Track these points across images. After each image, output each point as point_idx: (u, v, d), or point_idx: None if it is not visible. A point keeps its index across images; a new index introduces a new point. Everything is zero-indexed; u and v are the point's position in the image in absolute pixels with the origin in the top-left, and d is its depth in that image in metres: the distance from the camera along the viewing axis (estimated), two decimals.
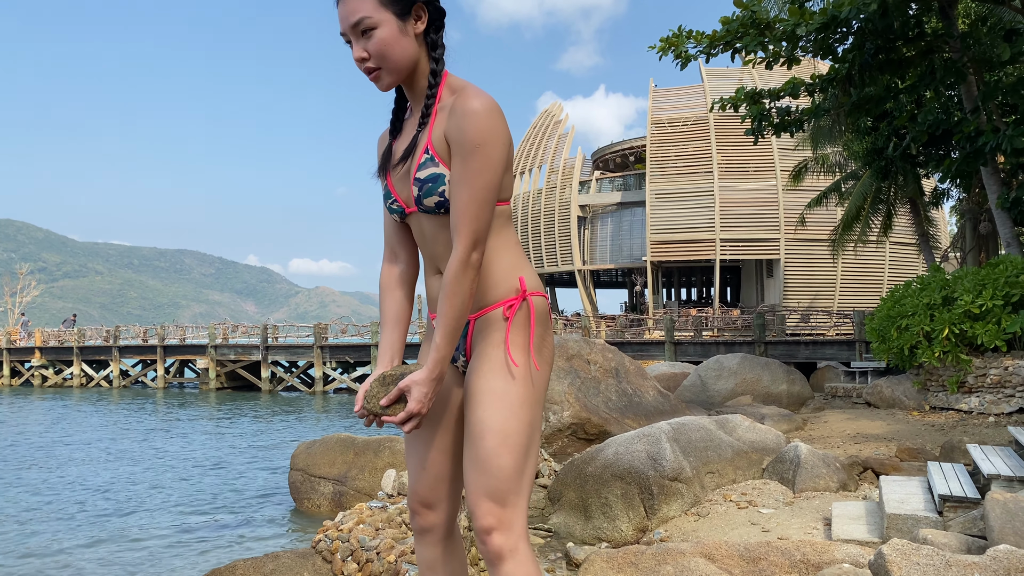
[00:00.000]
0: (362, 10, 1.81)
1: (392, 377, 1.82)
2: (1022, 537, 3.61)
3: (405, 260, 2.05)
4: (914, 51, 11.43)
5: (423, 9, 1.87)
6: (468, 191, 1.78)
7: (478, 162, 1.77)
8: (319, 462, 8.05)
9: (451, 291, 1.79)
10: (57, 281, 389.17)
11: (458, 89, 1.88)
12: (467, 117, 1.78)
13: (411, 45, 1.86)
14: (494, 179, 1.79)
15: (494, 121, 1.79)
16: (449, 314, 1.80)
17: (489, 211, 1.81)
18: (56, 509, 8.60)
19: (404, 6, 1.83)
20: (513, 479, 1.82)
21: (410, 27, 1.85)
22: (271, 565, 3.82)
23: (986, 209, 15.92)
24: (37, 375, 32.41)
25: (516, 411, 1.84)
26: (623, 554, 4.36)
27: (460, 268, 1.78)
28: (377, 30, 1.81)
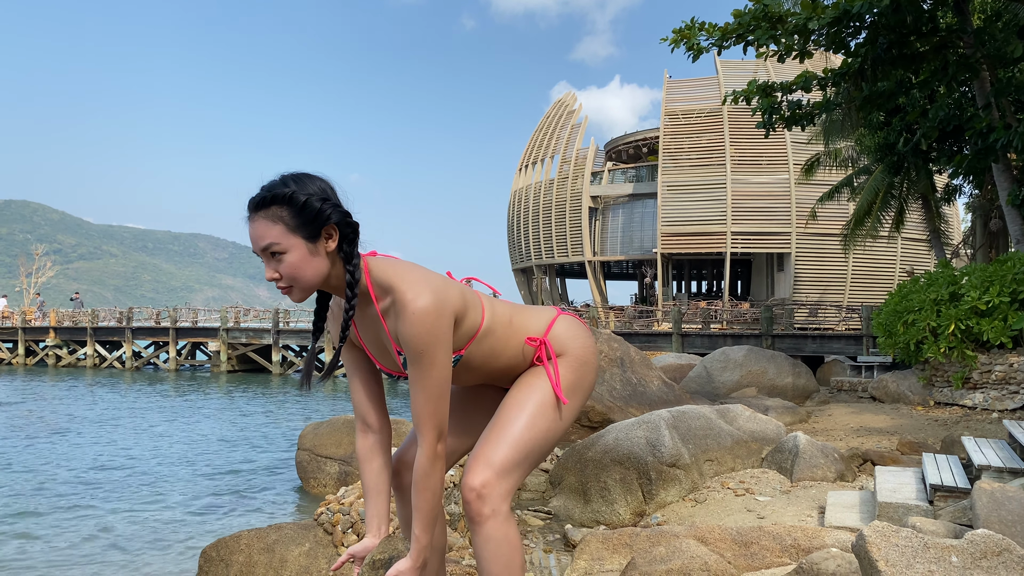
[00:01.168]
0: (270, 236, 1.83)
1: (381, 561, 1.99)
2: (1007, 525, 3.69)
3: (378, 428, 2.13)
4: (927, 46, 11.40)
5: (334, 228, 1.88)
6: (423, 392, 1.89)
7: (425, 364, 1.87)
8: (326, 442, 8.19)
9: (423, 485, 1.92)
10: (72, 263, 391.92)
11: (389, 288, 1.91)
12: (405, 325, 1.85)
13: (322, 264, 1.88)
14: (443, 374, 1.89)
15: (429, 324, 1.85)
16: (424, 507, 1.93)
17: (445, 401, 1.92)
18: (65, 482, 8.78)
19: (314, 230, 1.85)
20: (520, 455, 2.01)
21: (320, 247, 1.87)
22: (274, 535, 3.95)
23: (997, 206, 15.87)
24: (51, 355, 32.78)
25: (551, 408, 2.07)
26: (618, 535, 4.46)
27: (429, 463, 1.91)
28: (287, 255, 1.84)
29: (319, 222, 1.85)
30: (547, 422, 2.06)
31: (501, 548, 1.95)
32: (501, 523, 1.96)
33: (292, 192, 1.82)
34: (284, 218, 1.83)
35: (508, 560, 1.96)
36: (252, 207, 1.86)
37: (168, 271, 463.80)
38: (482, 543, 1.96)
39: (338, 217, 1.87)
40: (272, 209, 1.83)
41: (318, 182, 1.89)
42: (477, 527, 1.96)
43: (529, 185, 38.61)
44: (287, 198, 1.82)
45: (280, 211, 1.83)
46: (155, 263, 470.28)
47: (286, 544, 3.93)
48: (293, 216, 1.83)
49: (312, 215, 1.83)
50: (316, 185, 1.87)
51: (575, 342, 2.16)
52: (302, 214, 1.83)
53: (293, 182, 1.85)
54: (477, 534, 1.97)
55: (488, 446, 2.02)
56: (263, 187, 1.86)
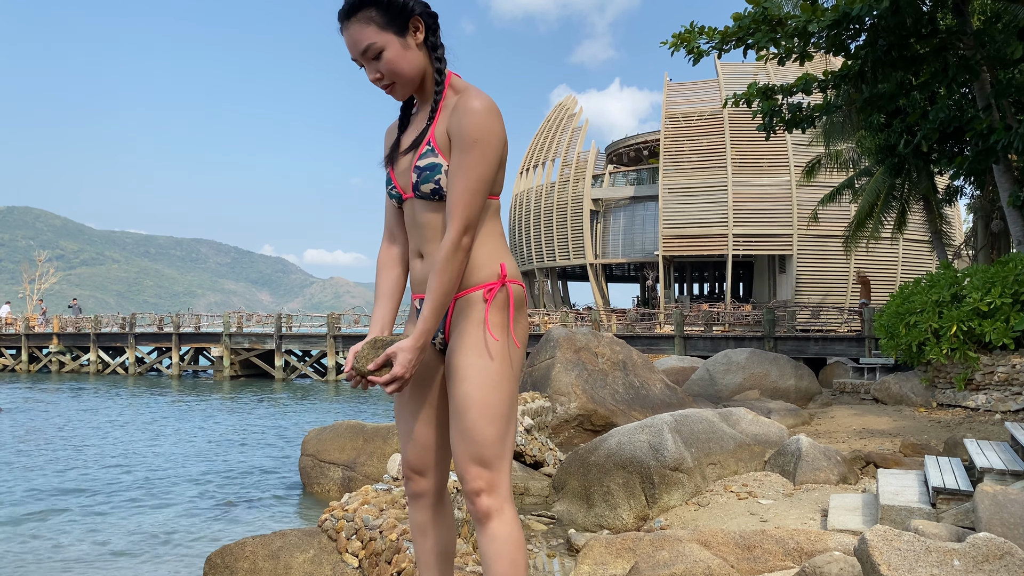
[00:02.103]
0: (366, 38, 1.97)
1: (382, 342, 1.97)
2: (1009, 528, 3.70)
3: (402, 242, 2.20)
4: (927, 48, 11.42)
5: (419, 21, 2.01)
6: (464, 181, 1.94)
7: (475, 156, 1.93)
8: (329, 448, 8.21)
9: (442, 268, 1.94)
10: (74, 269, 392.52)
11: (461, 90, 2.03)
12: (468, 115, 1.94)
13: (416, 56, 2.02)
14: (488, 172, 1.95)
15: (492, 120, 1.95)
16: (438, 290, 1.95)
17: (481, 201, 1.96)
18: (68, 488, 8.81)
19: (402, 24, 1.98)
20: (497, 445, 2.00)
21: (411, 40, 2.00)
22: (279, 542, 3.97)
23: (998, 207, 15.88)
24: (55, 361, 32.85)
25: (497, 384, 2.00)
26: (621, 540, 4.47)
27: (452, 249, 1.94)
28: (384, 52, 1.98)
29: (406, 14, 1.98)
30: (500, 402, 2.00)
31: (506, 547, 1.97)
32: (506, 522, 1.98)
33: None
34: (374, 18, 1.96)
35: (513, 559, 1.97)
36: (343, 16, 2.00)
37: (170, 276, 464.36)
38: (487, 542, 1.98)
39: (420, 8, 2.01)
40: (361, 13, 1.97)
41: None
42: (483, 527, 1.99)
43: (530, 188, 38.65)
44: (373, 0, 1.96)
45: (368, 12, 1.97)
46: (157, 268, 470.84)
47: (290, 551, 3.95)
48: (381, 14, 1.96)
49: (398, 9, 1.97)
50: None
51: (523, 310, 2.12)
52: (389, 10, 1.97)
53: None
54: (483, 534, 1.99)
55: (465, 451, 1.99)
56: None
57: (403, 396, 2.18)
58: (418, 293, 2.15)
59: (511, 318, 2.05)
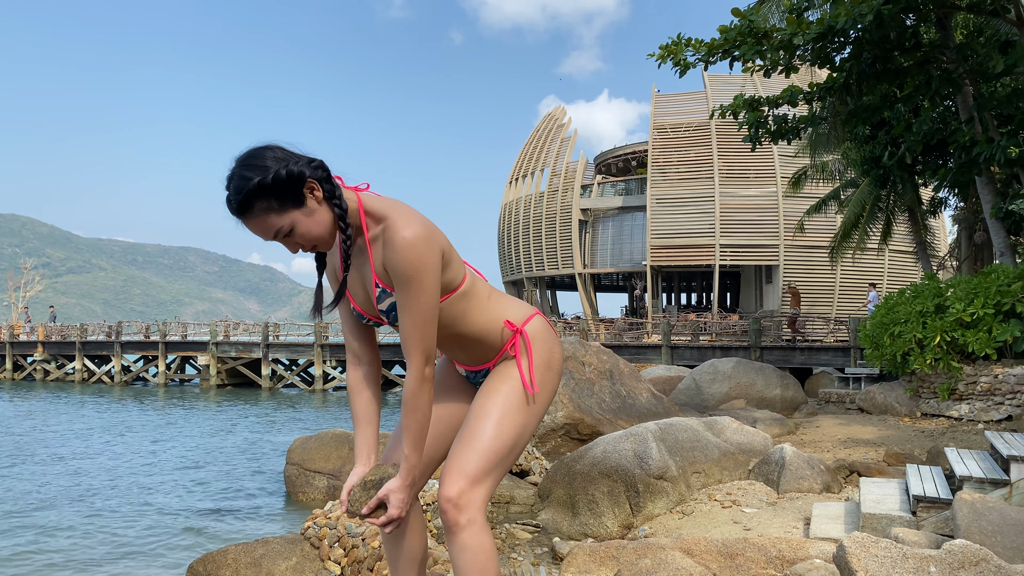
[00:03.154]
0: (271, 226, 1.89)
1: (372, 483, 2.02)
2: (987, 535, 3.73)
3: (368, 361, 2.19)
4: (911, 61, 11.55)
5: (312, 182, 1.90)
6: (410, 317, 1.94)
7: (413, 291, 1.92)
8: (314, 457, 8.19)
9: (412, 406, 1.98)
10: (61, 276, 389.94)
11: (382, 217, 1.96)
12: (395, 252, 1.90)
13: (324, 213, 1.93)
14: (431, 300, 1.95)
15: (420, 250, 1.90)
16: (413, 427, 1.99)
17: (432, 326, 1.97)
18: (52, 497, 8.74)
19: (296, 197, 1.88)
20: (490, 462, 2.05)
21: (312, 203, 1.91)
22: (261, 550, 3.96)
23: (981, 218, 16.04)
24: (39, 369, 32.58)
25: (516, 411, 2.10)
26: (605, 548, 4.49)
27: (417, 385, 1.97)
28: (294, 229, 1.90)
29: (297, 186, 1.87)
30: (514, 427, 2.10)
31: (477, 557, 1.99)
32: (476, 532, 2.00)
33: (259, 180, 1.83)
34: (269, 206, 1.86)
35: (483, 568, 2.00)
36: (236, 213, 1.89)
37: (158, 285, 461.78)
38: (458, 552, 2.01)
39: (308, 171, 1.89)
40: (255, 206, 1.86)
41: (269, 152, 1.89)
42: (453, 536, 2.01)
43: (520, 198, 38.73)
44: (258, 189, 1.84)
45: (261, 203, 1.85)
46: (145, 277, 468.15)
47: (273, 558, 3.94)
48: (274, 198, 1.85)
49: (287, 186, 1.86)
50: (271, 155, 1.88)
51: (545, 345, 2.20)
52: (280, 192, 1.85)
53: (253, 169, 1.85)
54: (453, 543, 2.01)
55: (460, 456, 2.06)
56: (232, 189, 1.87)
57: None
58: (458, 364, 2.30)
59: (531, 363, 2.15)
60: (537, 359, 2.16)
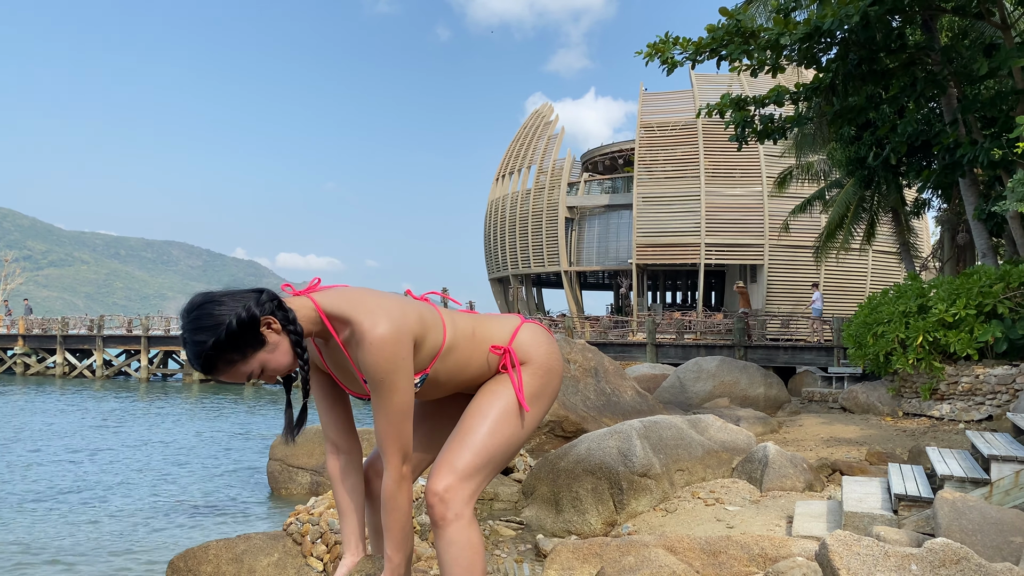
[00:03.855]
0: (241, 373, 1.89)
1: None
2: (968, 534, 3.76)
3: (347, 450, 2.19)
4: (896, 63, 11.63)
5: (269, 319, 1.89)
6: (385, 418, 1.93)
7: (386, 390, 1.91)
8: (297, 452, 8.15)
9: (391, 506, 1.98)
10: (42, 270, 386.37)
11: (346, 320, 1.94)
12: (366, 354, 1.89)
13: (284, 345, 1.91)
14: (404, 398, 1.94)
15: (388, 351, 1.88)
16: (394, 528, 1.99)
17: (408, 424, 1.96)
18: (31, 492, 8.66)
19: (255, 340, 1.87)
20: (482, 461, 2.05)
21: (272, 336, 1.90)
22: (243, 546, 3.93)
23: (964, 220, 16.17)
24: (19, 363, 32.27)
25: (513, 414, 2.10)
26: (588, 545, 4.49)
27: (395, 485, 1.97)
28: (263, 368, 1.91)
29: (253, 331, 1.86)
30: (510, 428, 2.10)
31: (463, 551, 1.99)
32: (464, 527, 2.00)
33: (215, 340, 1.82)
34: (231, 359, 1.86)
35: (470, 563, 2.00)
36: (204, 372, 1.90)
37: (141, 279, 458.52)
38: (444, 546, 2.00)
39: (260, 311, 1.87)
40: (218, 363, 1.86)
41: (215, 306, 1.87)
42: (440, 530, 2.00)
43: (506, 195, 38.69)
44: (215, 348, 1.83)
45: (224, 357, 1.85)
46: (128, 270, 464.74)
47: (255, 554, 3.91)
48: (234, 350, 1.85)
49: (244, 334, 1.85)
50: (222, 308, 1.86)
51: (539, 349, 2.19)
52: (238, 342, 1.84)
53: (204, 331, 1.84)
54: (440, 537, 2.01)
55: (452, 452, 2.06)
56: (190, 354, 1.86)
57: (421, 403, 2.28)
58: None
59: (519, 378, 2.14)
60: (531, 370, 2.16)
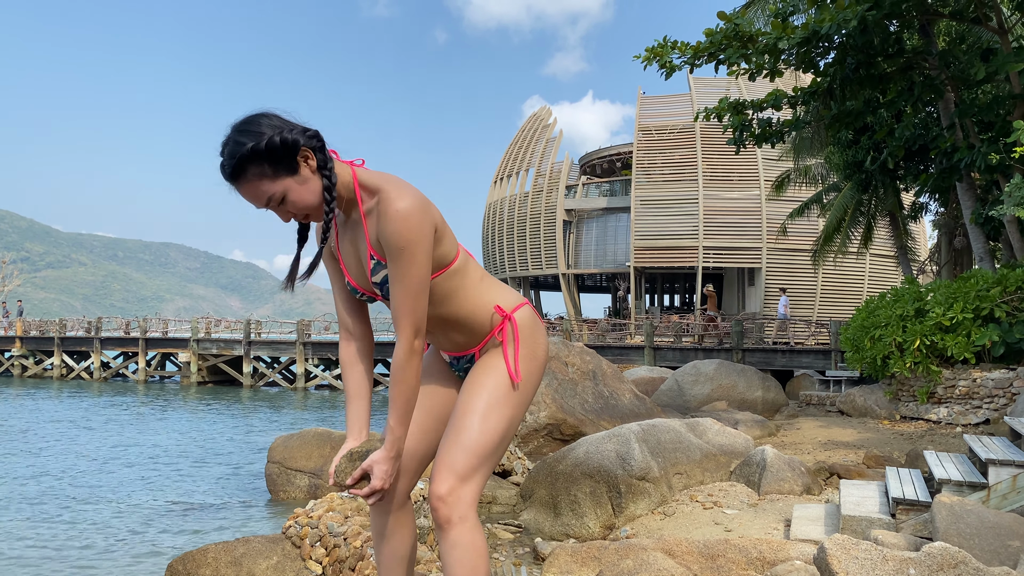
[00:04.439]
0: (264, 192, 1.90)
1: (359, 454, 2.04)
2: (965, 538, 3.77)
3: (360, 336, 2.19)
4: (894, 67, 11.66)
5: (307, 151, 1.91)
6: (402, 289, 1.94)
7: (405, 261, 1.92)
8: (296, 455, 8.14)
9: (399, 378, 1.98)
10: (40, 271, 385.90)
11: (376, 190, 1.97)
12: (389, 223, 1.91)
13: (315, 183, 1.93)
14: (422, 272, 1.95)
15: (413, 222, 1.91)
16: (399, 399, 1.99)
17: (424, 299, 1.97)
18: (28, 494, 8.65)
19: (290, 164, 1.89)
20: (479, 457, 2.04)
21: (305, 171, 1.92)
22: (242, 549, 3.93)
23: (961, 224, 16.21)
24: (17, 365, 32.21)
25: (501, 404, 2.09)
26: (586, 548, 4.49)
27: (406, 357, 1.97)
28: (286, 196, 1.91)
29: (291, 154, 1.89)
30: (501, 421, 2.09)
31: (467, 554, 1.99)
32: (468, 530, 2.00)
33: (253, 145, 1.85)
34: (262, 171, 1.88)
35: (473, 566, 2.00)
36: (229, 177, 1.90)
37: (139, 280, 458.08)
38: (448, 549, 2.00)
39: (303, 140, 1.90)
40: (249, 171, 1.87)
41: (265, 119, 1.90)
42: (444, 533, 2.01)
43: (504, 198, 38.72)
44: (253, 154, 1.85)
45: (255, 168, 1.87)
46: (125, 272, 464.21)
47: (253, 557, 3.92)
48: (268, 164, 1.87)
49: (282, 152, 1.87)
50: (267, 122, 1.89)
51: (532, 335, 2.20)
52: (275, 158, 1.87)
53: (248, 135, 1.86)
54: (444, 540, 2.01)
55: (448, 454, 2.06)
56: (226, 154, 1.88)
57: None
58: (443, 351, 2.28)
59: (517, 350, 2.13)
60: (523, 349, 2.15)
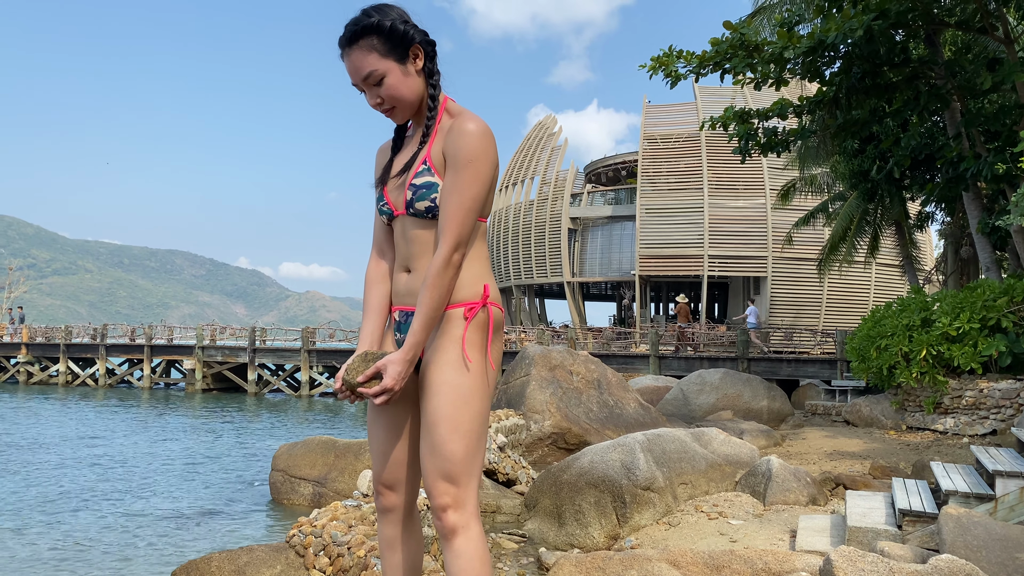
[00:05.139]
0: (368, 65, 2.03)
1: (373, 356, 2.01)
2: (972, 550, 3.74)
3: (391, 258, 2.24)
4: (900, 76, 11.65)
5: (419, 48, 2.07)
6: (457, 199, 1.99)
7: (469, 176, 1.99)
8: (300, 463, 8.14)
9: (433, 283, 1.98)
10: (46, 278, 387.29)
11: (456, 113, 2.10)
12: (463, 136, 2.00)
13: (416, 82, 2.09)
14: (481, 192, 2.01)
15: (486, 143, 2.01)
16: (428, 304, 1.99)
17: (472, 219, 2.02)
18: (31, 502, 8.65)
19: (403, 52, 2.05)
20: (465, 462, 2.01)
21: (411, 67, 2.07)
22: (245, 558, 3.92)
23: (968, 233, 16.16)
24: (23, 371, 32.28)
25: (468, 401, 2.03)
26: (591, 559, 4.47)
27: (443, 265, 1.98)
28: (385, 78, 2.05)
29: (406, 43, 2.04)
30: (472, 418, 2.02)
31: (472, 564, 1.98)
32: (472, 538, 2.00)
33: (378, 20, 2.01)
34: (375, 46, 2.02)
35: (477, 575, 1.98)
36: (345, 42, 2.05)
37: (144, 287, 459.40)
38: (452, 558, 1.99)
39: (420, 36, 2.07)
40: (363, 40, 2.02)
41: (395, 10, 2.06)
42: (448, 542, 2.00)
43: (509, 206, 38.76)
44: (375, 27, 2.01)
45: (370, 40, 2.02)
46: (131, 279, 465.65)
47: (257, 566, 3.91)
48: (383, 42, 2.02)
49: (399, 37, 2.03)
50: (395, 11, 2.06)
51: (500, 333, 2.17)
52: (391, 38, 2.03)
53: (376, 12, 2.03)
54: (448, 549, 2.00)
55: (434, 466, 2.01)
56: (350, 22, 2.04)
57: (376, 409, 2.19)
58: (399, 305, 2.19)
59: (489, 339, 2.10)
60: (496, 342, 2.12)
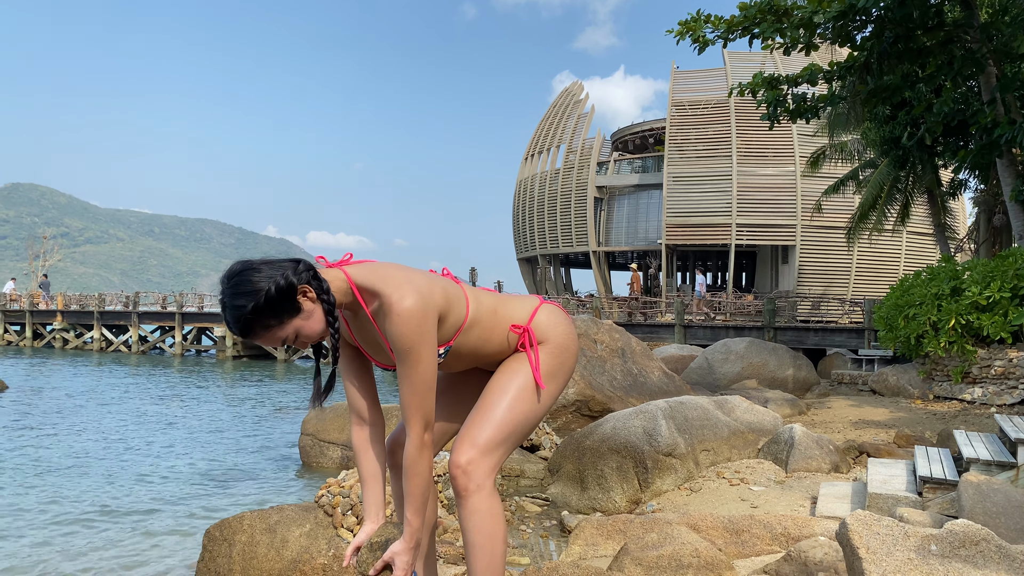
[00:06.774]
0: (276, 337, 2.01)
1: (378, 544, 2.15)
2: (991, 516, 3.77)
3: (372, 420, 2.28)
4: (933, 40, 11.39)
5: (305, 288, 2.00)
6: (409, 387, 2.03)
7: (412, 361, 2.01)
8: (329, 428, 8.30)
9: (412, 472, 2.06)
10: (79, 247, 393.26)
11: (375, 292, 2.05)
12: (393, 325, 1.99)
13: (317, 313, 2.03)
14: (428, 370, 2.03)
15: (415, 323, 1.99)
16: (414, 492, 2.07)
17: (431, 394, 2.05)
18: (68, 463, 8.92)
19: (291, 306, 1.99)
20: (502, 434, 2.16)
21: (307, 305, 2.01)
22: (276, 516, 4.05)
23: (1001, 201, 15.88)
24: (58, 338, 33.00)
25: (529, 392, 2.21)
26: (612, 522, 4.56)
27: (416, 451, 2.05)
28: (298, 333, 2.02)
29: (290, 299, 1.98)
30: (527, 405, 2.20)
31: (485, 520, 2.10)
32: (485, 497, 2.11)
33: (254, 305, 1.94)
34: (268, 323, 1.98)
35: (491, 531, 2.11)
36: (242, 338, 2.04)
37: (175, 256, 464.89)
38: (467, 515, 2.11)
39: (297, 280, 1.99)
40: (255, 327, 1.98)
41: (254, 272, 1.98)
42: (463, 501, 2.12)
43: (535, 174, 38.60)
44: (256, 312, 1.95)
45: (261, 323, 1.97)
46: (162, 248, 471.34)
47: (287, 525, 4.04)
48: (272, 315, 1.97)
49: (281, 301, 1.97)
50: (261, 275, 1.97)
51: (556, 329, 2.29)
52: (276, 308, 1.97)
53: (243, 296, 1.95)
54: (463, 507, 2.12)
55: (473, 427, 2.16)
56: (229, 319, 1.98)
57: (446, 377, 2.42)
58: None
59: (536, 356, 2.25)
60: (548, 349, 2.25)
